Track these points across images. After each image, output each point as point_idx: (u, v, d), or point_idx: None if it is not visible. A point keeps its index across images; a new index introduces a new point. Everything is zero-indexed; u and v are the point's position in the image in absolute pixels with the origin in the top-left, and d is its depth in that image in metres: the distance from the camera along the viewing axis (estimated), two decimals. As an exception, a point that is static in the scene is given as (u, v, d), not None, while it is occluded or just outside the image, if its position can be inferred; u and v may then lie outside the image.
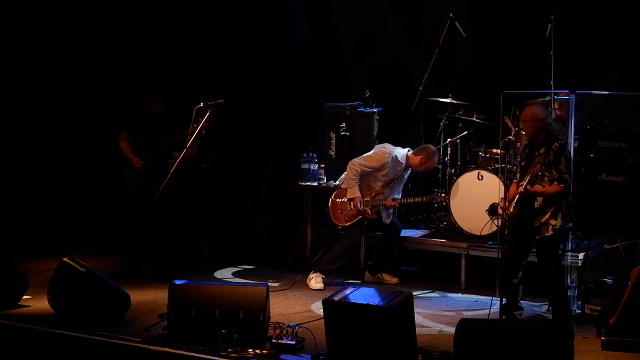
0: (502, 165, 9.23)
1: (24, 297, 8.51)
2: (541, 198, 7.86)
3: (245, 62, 11.30)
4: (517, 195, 7.87)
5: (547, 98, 9.33)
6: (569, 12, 9.57)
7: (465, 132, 10.16)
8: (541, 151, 7.93)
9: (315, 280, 9.35)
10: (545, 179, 7.86)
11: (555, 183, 7.83)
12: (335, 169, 10.40)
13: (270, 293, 7.59)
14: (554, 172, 7.83)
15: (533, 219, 7.89)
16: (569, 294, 8.58)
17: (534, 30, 9.54)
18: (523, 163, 8.10)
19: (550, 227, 7.86)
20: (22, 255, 9.71)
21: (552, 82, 9.28)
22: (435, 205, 9.92)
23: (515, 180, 8.12)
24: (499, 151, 9.52)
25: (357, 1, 11.24)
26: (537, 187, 7.84)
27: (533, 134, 7.99)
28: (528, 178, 7.81)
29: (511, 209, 7.90)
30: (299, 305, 8.73)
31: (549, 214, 7.86)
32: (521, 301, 8.81)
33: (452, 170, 10.10)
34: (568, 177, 7.87)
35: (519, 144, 9.49)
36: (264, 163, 10.55)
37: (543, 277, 8.05)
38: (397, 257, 10.31)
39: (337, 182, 9.77)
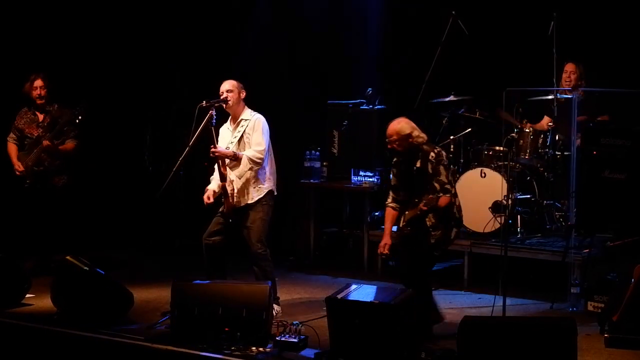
0: (505, 163, 9.26)
1: (27, 295, 8.52)
2: (432, 216, 7.62)
3: (246, 60, 11.30)
4: (412, 215, 7.66)
5: (550, 96, 9.35)
6: (572, 10, 9.59)
7: (468, 130, 10.15)
8: (417, 165, 7.69)
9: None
10: (427, 191, 7.60)
11: (441, 195, 7.58)
12: (338, 167, 10.42)
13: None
14: (436, 185, 7.60)
15: (427, 236, 7.64)
16: (572, 291, 8.59)
17: (536, 27, 9.54)
18: (398, 177, 7.82)
19: (447, 240, 7.68)
20: (25, 254, 9.70)
21: (554, 80, 9.31)
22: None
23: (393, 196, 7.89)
24: (502, 148, 9.52)
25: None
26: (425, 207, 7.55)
27: (404, 149, 7.72)
28: (424, 201, 7.51)
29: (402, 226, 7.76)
30: (302, 302, 8.73)
31: (443, 229, 7.63)
32: (524, 299, 8.83)
33: (455, 168, 10.09)
34: (450, 186, 7.64)
35: (521, 141, 9.52)
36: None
37: (410, 280, 7.68)
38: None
39: None
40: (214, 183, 8.23)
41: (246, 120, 8.20)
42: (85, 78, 10.98)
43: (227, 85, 8.21)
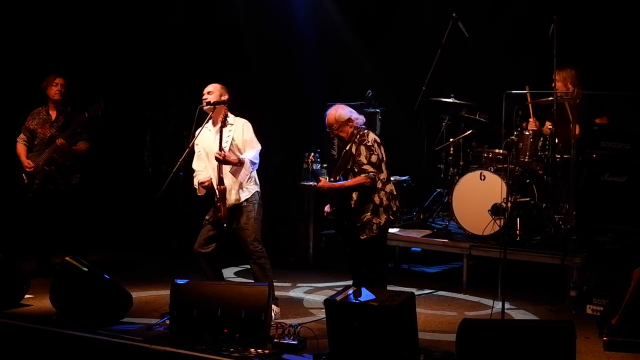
0: (505, 166, 9.26)
1: (26, 296, 8.52)
2: (356, 197, 7.64)
3: (246, 61, 11.31)
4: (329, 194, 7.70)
5: (550, 98, 9.35)
6: (572, 12, 9.59)
7: (468, 132, 10.16)
8: (347, 147, 7.74)
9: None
10: (352, 174, 7.64)
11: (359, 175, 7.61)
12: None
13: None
14: (356, 166, 7.62)
15: (352, 218, 7.68)
16: (571, 294, 8.59)
17: (537, 30, 9.55)
18: (339, 162, 7.88)
19: (375, 226, 7.65)
20: (26, 255, 9.71)
21: (554, 82, 9.31)
22: None
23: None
24: (501, 151, 9.52)
25: (358, 1, 11.25)
26: (335, 184, 7.60)
27: (348, 135, 7.75)
28: (334, 175, 7.60)
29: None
30: (301, 304, 8.72)
31: (369, 212, 7.63)
32: (523, 302, 8.83)
33: (455, 170, 10.10)
34: (369, 167, 7.56)
35: (521, 144, 9.52)
36: (265, 162, 10.55)
37: (365, 279, 7.67)
38: (398, 257, 10.32)
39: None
40: (203, 174, 8.17)
41: (231, 124, 8.13)
42: (85, 79, 10.97)
43: (209, 87, 8.17)
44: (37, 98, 9.73)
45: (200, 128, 8.12)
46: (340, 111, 7.76)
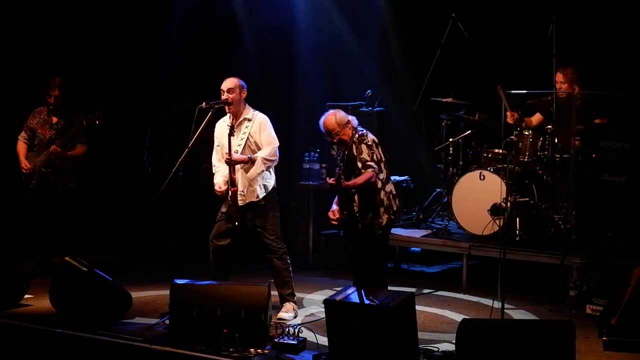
0: (504, 165, 9.26)
1: (26, 296, 8.52)
2: (358, 199, 7.67)
3: (245, 61, 11.30)
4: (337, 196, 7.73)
5: (549, 98, 9.34)
6: (571, 12, 9.59)
7: (468, 132, 10.15)
8: (349, 150, 7.80)
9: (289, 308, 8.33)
10: (354, 175, 7.67)
11: (363, 171, 7.63)
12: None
13: (271, 293, 7.61)
14: (359, 164, 7.65)
15: (355, 222, 7.72)
16: (571, 294, 8.58)
17: (536, 30, 9.54)
18: (341, 165, 7.88)
19: (377, 227, 7.69)
20: (26, 255, 9.70)
21: (554, 82, 9.30)
22: None
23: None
24: (501, 151, 9.52)
25: (357, 1, 11.25)
26: (349, 182, 7.64)
27: (348, 138, 7.78)
28: (342, 173, 7.63)
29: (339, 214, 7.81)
30: (300, 304, 8.72)
31: (371, 213, 7.69)
32: (523, 302, 8.82)
33: (454, 170, 10.10)
34: (373, 163, 7.62)
35: (521, 144, 9.51)
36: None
37: (366, 279, 7.74)
38: (398, 257, 10.32)
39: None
40: (219, 176, 8.23)
41: (249, 120, 8.18)
42: (85, 79, 10.97)
43: (228, 84, 8.17)
44: (38, 98, 9.72)
45: (206, 122, 8.09)
46: (338, 115, 7.81)
